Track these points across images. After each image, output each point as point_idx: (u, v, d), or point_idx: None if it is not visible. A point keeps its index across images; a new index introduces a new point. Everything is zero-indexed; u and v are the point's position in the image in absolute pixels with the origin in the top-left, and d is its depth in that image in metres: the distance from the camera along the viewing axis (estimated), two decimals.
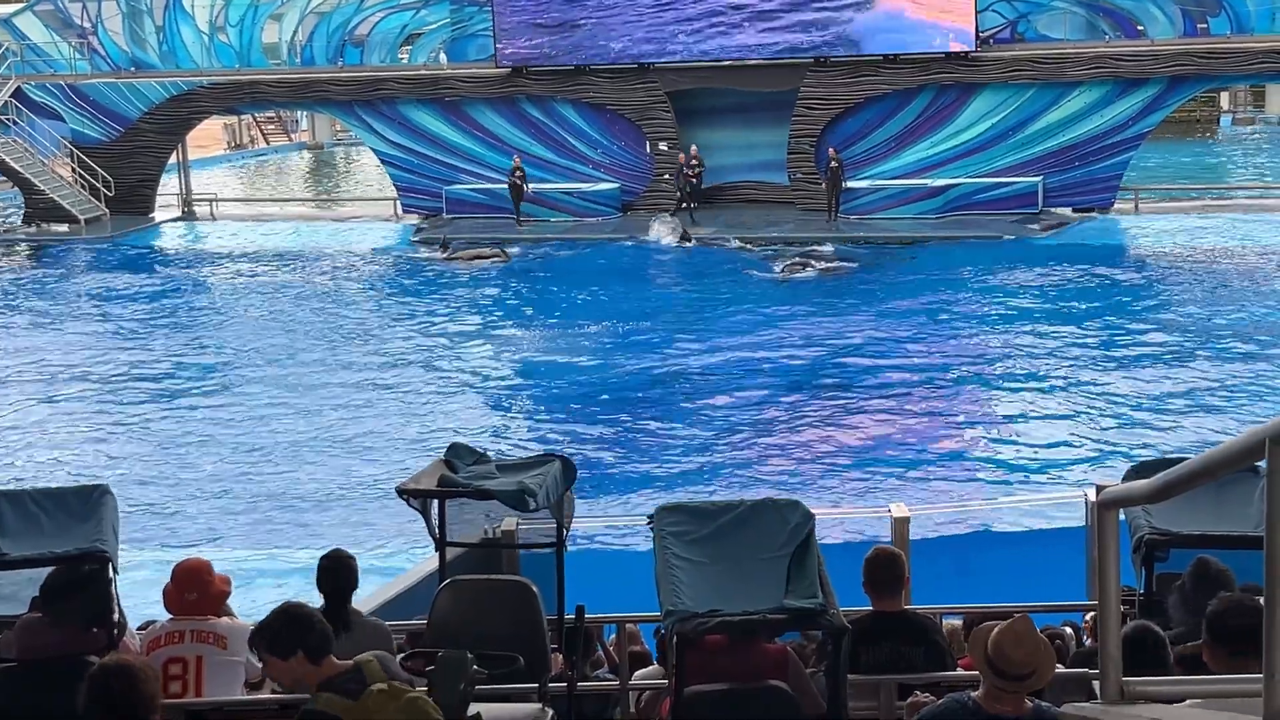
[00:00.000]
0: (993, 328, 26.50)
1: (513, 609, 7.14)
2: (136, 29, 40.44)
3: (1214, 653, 5.40)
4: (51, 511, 6.75)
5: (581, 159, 37.33)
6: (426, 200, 38.37)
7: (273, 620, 5.38)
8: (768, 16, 35.01)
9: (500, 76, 37.13)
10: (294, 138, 62.32)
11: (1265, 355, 23.42)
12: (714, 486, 18.08)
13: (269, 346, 26.66)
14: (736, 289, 29.82)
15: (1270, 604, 3.01)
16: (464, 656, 6.13)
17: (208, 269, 35.37)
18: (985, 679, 5.25)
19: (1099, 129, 33.94)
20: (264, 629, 5.42)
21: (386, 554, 15.41)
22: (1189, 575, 6.62)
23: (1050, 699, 5.58)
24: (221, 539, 17.28)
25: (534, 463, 7.75)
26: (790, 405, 22.04)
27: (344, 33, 39.15)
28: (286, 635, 5.29)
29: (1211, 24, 33.76)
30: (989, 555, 12.61)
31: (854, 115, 35.34)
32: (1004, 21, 34.98)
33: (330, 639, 5.34)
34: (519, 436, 20.91)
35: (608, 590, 8.94)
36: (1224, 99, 54.87)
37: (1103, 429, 20.20)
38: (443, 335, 27.26)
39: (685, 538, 6.39)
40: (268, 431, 21.49)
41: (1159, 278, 30.03)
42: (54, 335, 28.33)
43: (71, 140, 39.76)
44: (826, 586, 6.05)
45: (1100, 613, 4.64)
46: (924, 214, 34.52)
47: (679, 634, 5.81)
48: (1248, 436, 3.16)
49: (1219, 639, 5.35)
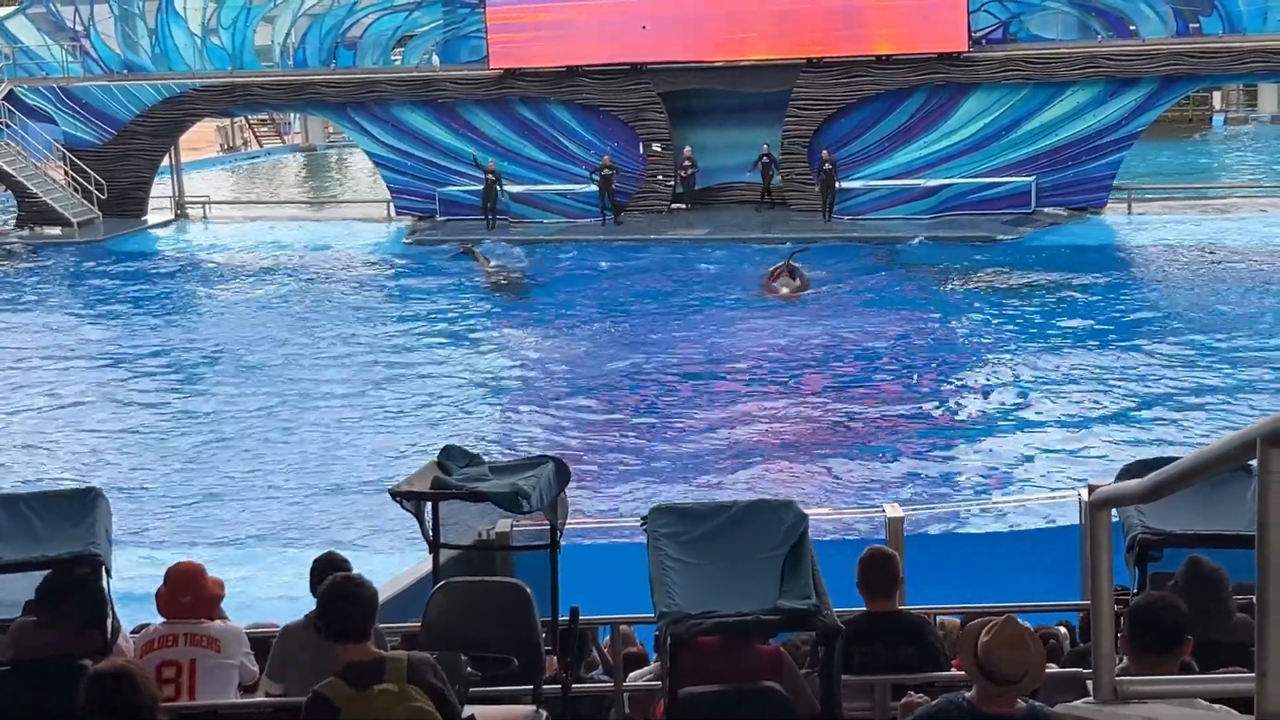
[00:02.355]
0: (986, 328, 26.51)
1: (507, 611, 7.14)
2: (129, 31, 40.40)
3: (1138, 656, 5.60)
4: (44, 515, 6.74)
5: (576, 160, 37.32)
6: (419, 202, 38.36)
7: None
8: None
9: (493, 78, 37.12)
10: (287, 140, 62.24)
11: (1257, 354, 23.44)
12: (708, 487, 18.09)
13: (262, 349, 26.63)
14: (729, 289, 29.82)
15: (1262, 603, 3.01)
16: (458, 659, 6.13)
17: (200, 272, 35.33)
18: (977, 683, 5.24)
19: (1091, 129, 33.97)
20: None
21: (380, 556, 15.39)
22: (1182, 575, 6.64)
23: (1044, 698, 5.58)
24: (215, 541, 17.26)
25: (528, 464, 7.74)
26: (784, 406, 22.05)
27: (337, 35, 39.12)
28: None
29: (1203, 23, 33.80)
30: (983, 555, 12.63)
31: (847, 116, 35.35)
32: (996, 22, 35.00)
33: (365, 621, 5.38)
34: (512, 438, 20.90)
35: (602, 592, 8.94)
36: (1216, 98, 54.92)
37: (1096, 428, 20.22)
38: (437, 336, 27.24)
39: (679, 539, 6.39)
40: (260, 433, 21.48)
41: (1151, 277, 30.08)
42: (46, 338, 28.28)
43: (64, 143, 39.72)
44: (820, 587, 6.05)
45: (1093, 612, 4.64)
46: (918, 214, 34.55)
47: (673, 635, 5.81)
48: (1239, 436, 3.17)
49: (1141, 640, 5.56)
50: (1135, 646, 5.64)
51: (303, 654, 6.76)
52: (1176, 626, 5.63)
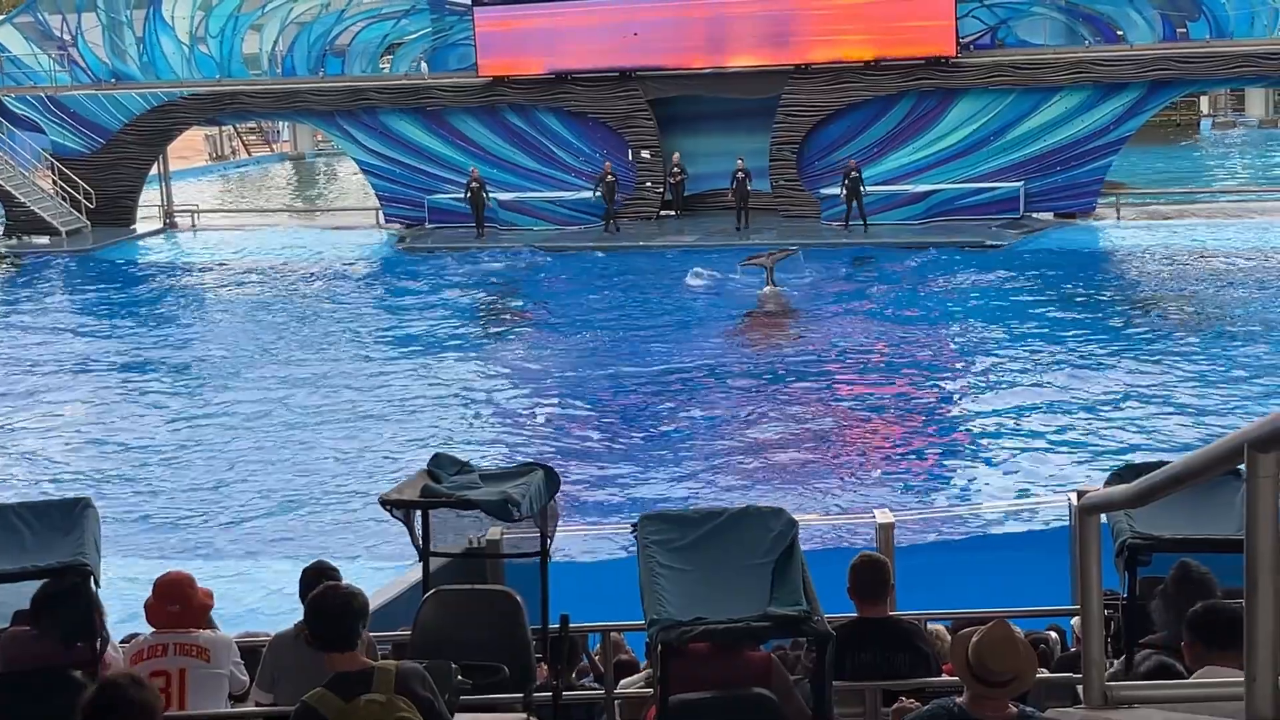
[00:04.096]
0: (975, 333, 26.53)
1: (497, 619, 7.14)
2: (116, 40, 40.36)
3: (1193, 650, 5.54)
4: (33, 525, 6.72)
5: (564, 167, 37.35)
6: (408, 210, 38.35)
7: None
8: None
9: (481, 85, 37.13)
10: (275, 148, 62.23)
11: (1246, 358, 23.49)
12: (697, 494, 18.08)
13: (250, 357, 26.60)
14: (718, 296, 29.84)
15: (1250, 608, 3.02)
16: (449, 667, 6.13)
17: (189, 280, 35.29)
18: (968, 686, 5.26)
19: (1080, 134, 34.02)
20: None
21: (370, 564, 15.37)
22: (1171, 579, 6.64)
23: (1034, 704, 5.59)
24: (204, 551, 17.22)
25: (517, 472, 7.74)
26: (774, 412, 22.04)
27: (325, 43, 39.10)
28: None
29: (1191, 28, 33.88)
30: (974, 560, 12.65)
31: (836, 121, 35.41)
32: (984, 27, 35.07)
33: (354, 630, 5.37)
34: (502, 446, 20.87)
35: (592, 599, 8.94)
36: (1204, 103, 55.07)
37: (1085, 433, 20.23)
38: (427, 343, 27.22)
39: (669, 546, 6.38)
40: (249, 442, 21.44)
41: (1140, 281, 30.13)
42: (34, 348, 28.21)
43: (52, 152, 39.67)
44: (811, 593, 6.05)
45: (1083, 617, 4.65)
46: (907, 220, 34.58)
47: (663, 642, 5.81)
48: (1227, 441, 3.18)
49: (1200, 637, 5.48)
50: (1209, 647, 5.59)
51: (292, 664, 6.75)
52: (1236, 618, 5.72)
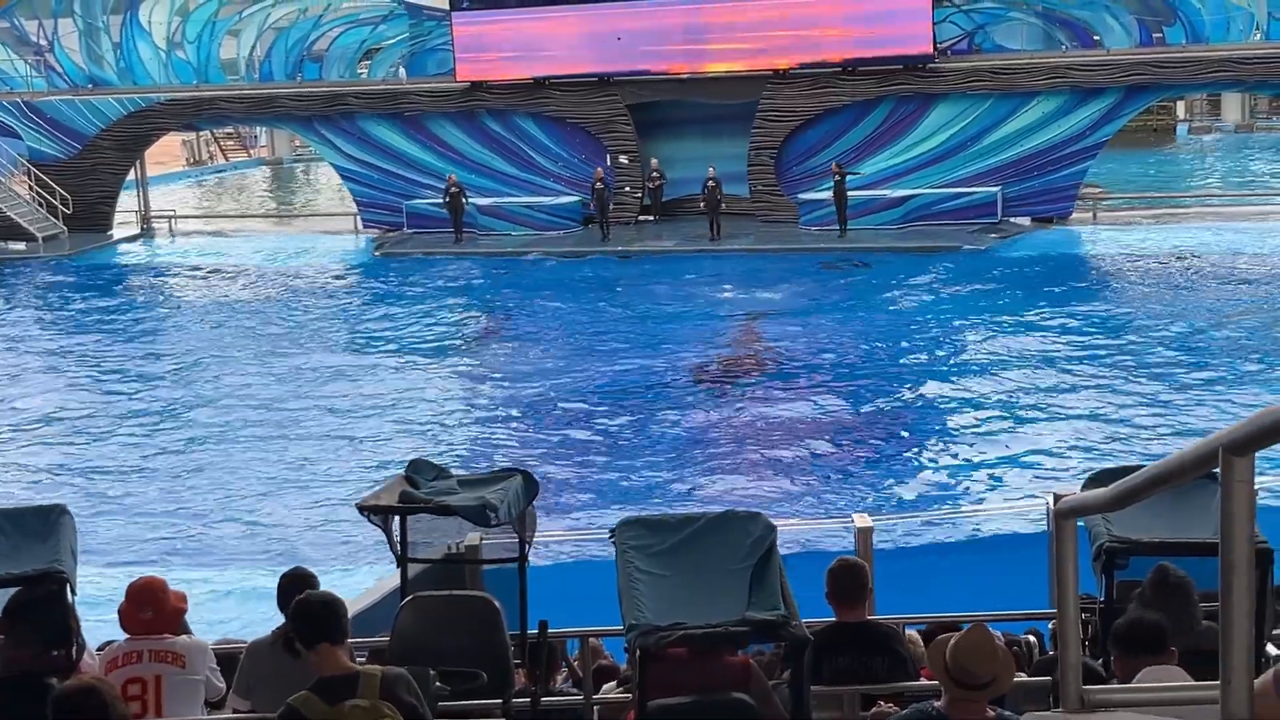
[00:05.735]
0: (953, 337, 26.59)
1: (475, 625, 7.13)
2: (93, 46, 40.23)
3: (1121, 663, 5.98)
4: (9, 532, 6.70)
5: (543, 173, 37.34)
6: (386, 215, 38.30)
7: None
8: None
9: (459, 91, 37.10)
10: (253, 153, 62.03)
11: (1222, 362, 23.57)
12: (675, 499, 18.08)
13: (228, 364, 26.51)
14: (695, 299, 29.86)
15: (1226, 611, 3.02)
16: (426, 673, 6.11)
17: (167, 286, 35.19)
18: (946, 690, 5.27)
19: (1057, 139, 34.13)
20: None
21: (348, 572, 15.33)
22: (1149, 583, 6.66)
23: (1011, 707, 5.60)
24: (181, 558, 17.16)
25: (495, 478, 7.74)
26: (753, 416, 22.06)
27: (303, 48, 39.05)
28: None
29: (1167, 34, 34.01)
30: (951, 564, 12.66)
31: (814, 126, 35.46)
32: (961, 32, 35.15)
33: (339, 628, 5.39)
34: (480, 451, 20.84)
35: (571, 604, 8.92)
36: (1180, 108, 55.24)
37: (1062, 436, 20.28)
38: (405, 348, 27.17)
39: (647, 551, 6.38)
40: (226, 449, 21.37)
41: (1116, 286, 30.22)
42: (9, 355, 28.10)
43: (29, 158, 39.54)
44: (789, 598, 6.05)
45: (1059, 621, 4.65)
46: (885, 224, 34.63)
47: (641, 647, 5.81)
48: (1202, 445, 3.17)
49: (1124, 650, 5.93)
50: (1128, 654, 5.93)
51: (270, 671, 6.72)
52: (1159, 629, 5.96)
